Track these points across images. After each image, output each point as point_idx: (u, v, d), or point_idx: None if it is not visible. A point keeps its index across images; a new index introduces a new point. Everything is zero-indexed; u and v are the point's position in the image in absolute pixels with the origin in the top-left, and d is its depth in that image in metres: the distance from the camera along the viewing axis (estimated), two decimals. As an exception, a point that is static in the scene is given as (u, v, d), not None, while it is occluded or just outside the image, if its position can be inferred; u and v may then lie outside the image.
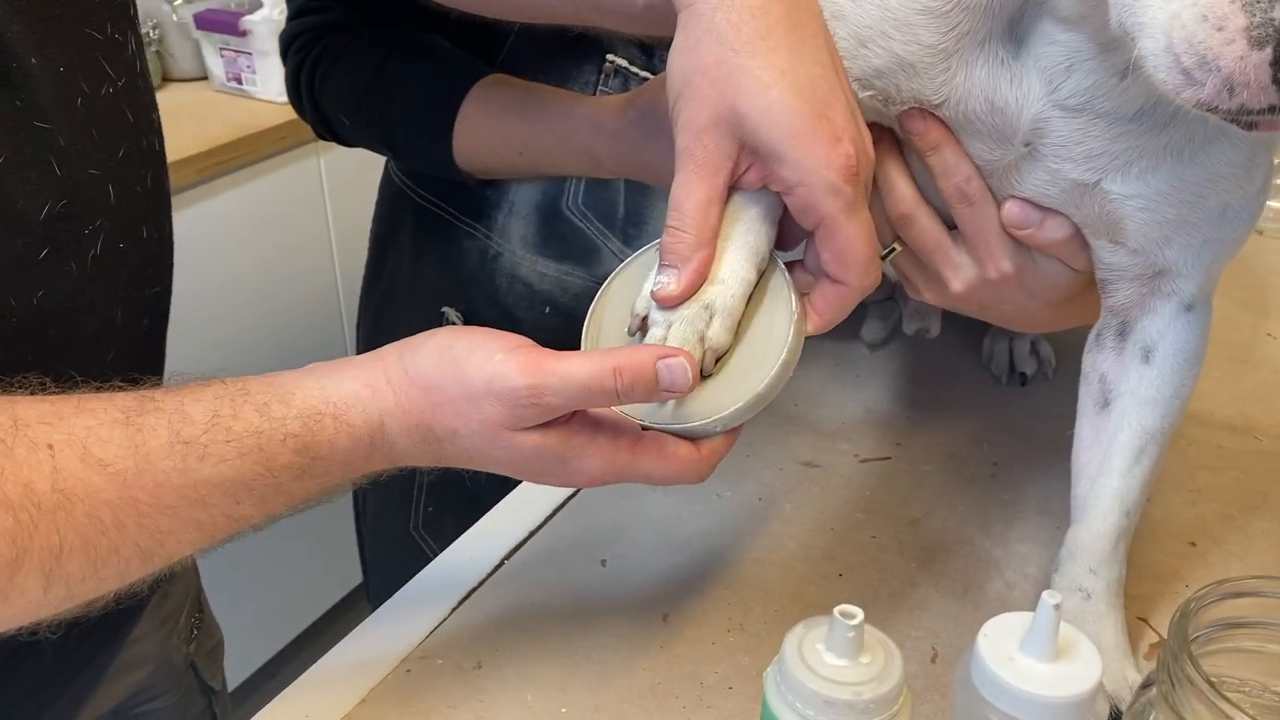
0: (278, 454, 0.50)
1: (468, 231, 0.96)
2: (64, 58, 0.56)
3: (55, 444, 0.45)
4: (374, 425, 0.53)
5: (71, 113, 0.56)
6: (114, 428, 0.47)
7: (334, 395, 0.52)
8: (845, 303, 0.57)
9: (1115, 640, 0.65)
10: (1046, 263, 0.66)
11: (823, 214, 0.53)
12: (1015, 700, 0.45)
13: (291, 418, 0.51)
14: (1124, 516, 0.66)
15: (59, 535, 0.44)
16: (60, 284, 0.57)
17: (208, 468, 0.48)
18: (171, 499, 0.48)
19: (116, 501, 0.46)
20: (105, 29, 0.59)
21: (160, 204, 0.66)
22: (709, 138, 0.53)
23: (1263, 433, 0.89)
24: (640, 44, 0.87)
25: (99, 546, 0.46)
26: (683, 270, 0.55)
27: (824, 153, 0.51)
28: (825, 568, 0.75)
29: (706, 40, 0.51)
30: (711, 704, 0.64)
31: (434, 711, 0.63)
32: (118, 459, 0.46)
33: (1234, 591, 0.48)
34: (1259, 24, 0.43)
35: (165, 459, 0.47)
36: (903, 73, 0.60)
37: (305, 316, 1.92)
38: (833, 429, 0.90)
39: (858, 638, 0.46)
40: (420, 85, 0.86)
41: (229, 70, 1.86)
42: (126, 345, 0.64)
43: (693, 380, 0.54)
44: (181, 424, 0.48)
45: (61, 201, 0.56)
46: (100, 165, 0.59)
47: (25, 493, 0.44)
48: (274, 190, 1.80)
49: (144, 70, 0.64)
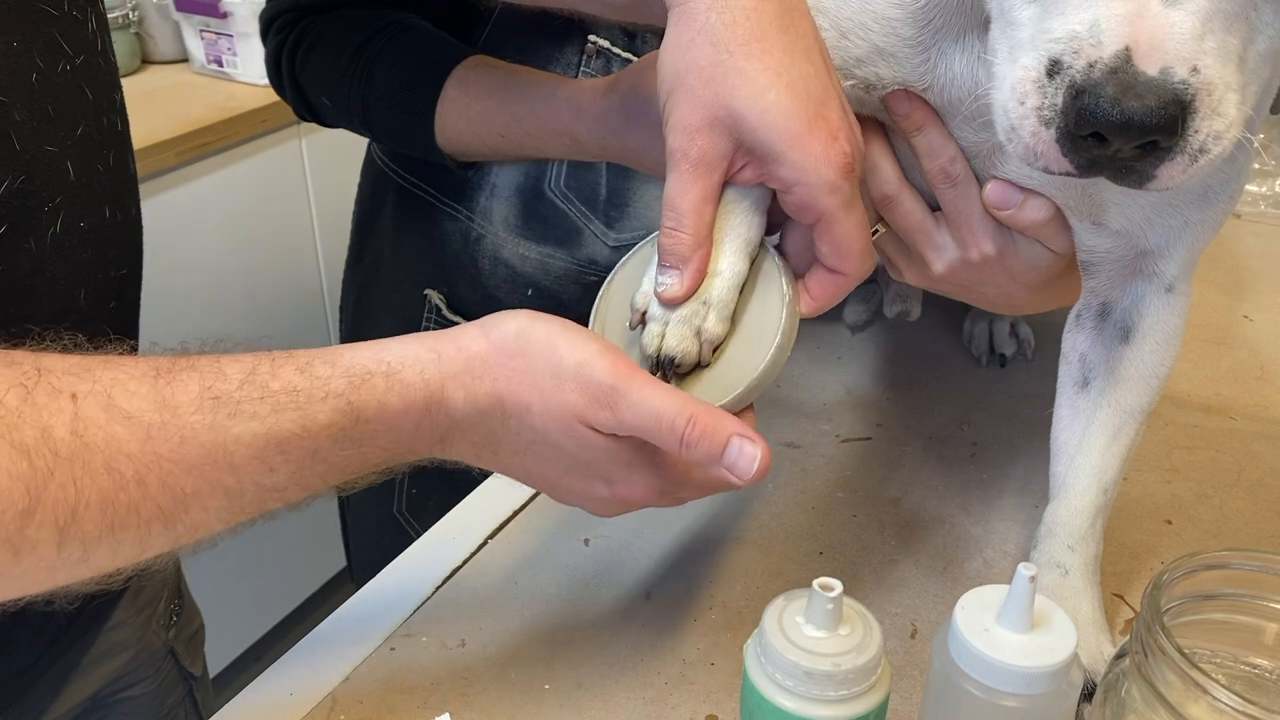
0: (317, 413, 0.47)
1: (450, 213, 0.96)
2: (15, 32, 0.55)
3: (79, 393, 0.43)
4: (433, 388, 0.50)
5: (26, 87, 0.55)
6: (143, 381, 0.45)
7: (389, 355, 0.50)
8: (841, 290, 0.58)
9: (1092, 615, 0.66)
10: (1027, 245, 0.66)
11: (821, 211, 0.54)
12: (991, 670, 0.46)
13: (336, 376, 0.48)
14: (1102, 493, 0.67)
15: (75, 486, 0.42)
16: (18, 260, 0.56)
17: (239, 425, 0.46)
18: (197, 456, 0.45)
19: (138, 454, 0.44)
20: (62, 5, 0.57)
21: (124, 185, 0.65)
22: (703, 138, 0.53)
23: (1238, 413, 0.90)
24: (622, 25, 0.87)
25: (117, 503, 0.43)
26: (684, 270, 0.56)
27: (821, 152, 0.52)
28: (806, 546, 0.75)
29: (700, 40, 0.52)
30: (694, 679, 0.64)
31: (418, 689, 0.63)
32: (143, 411, 0.44)
33: (1205, 564, 0.49)
34: (1048, 105, 0.47)
35: (194, 414, 0.45)
36: (883, 61, 0.61)
37: (287, 299, 1.92)
38: (814, 410, 0.90)
39: (836, 610, 0.47)
40: (401, 67, 0.86)
41: (209, 52, 1.85)
42: (92, 327, 0.63)
43: (757, 474, 0.53)
44: (215, 379, 0.46)
45: (20, 178, 0.55)
46: (57, 142, 0.58)
47: (42, 437, 0.42)
48: (255, 173, 1.79)
49: (105, 50, 0.63)
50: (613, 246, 0.92)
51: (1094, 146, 0.47)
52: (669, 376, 0.58)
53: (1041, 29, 0.48)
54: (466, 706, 0.62)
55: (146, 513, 0.44)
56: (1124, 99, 0.44)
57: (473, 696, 0.63)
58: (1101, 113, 0.45)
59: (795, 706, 0.47)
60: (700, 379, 0.58)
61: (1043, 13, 0.49)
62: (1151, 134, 0.45)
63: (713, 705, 0.63)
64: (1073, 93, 0.46)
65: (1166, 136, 0.46)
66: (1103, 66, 0.45)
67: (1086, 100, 0.45)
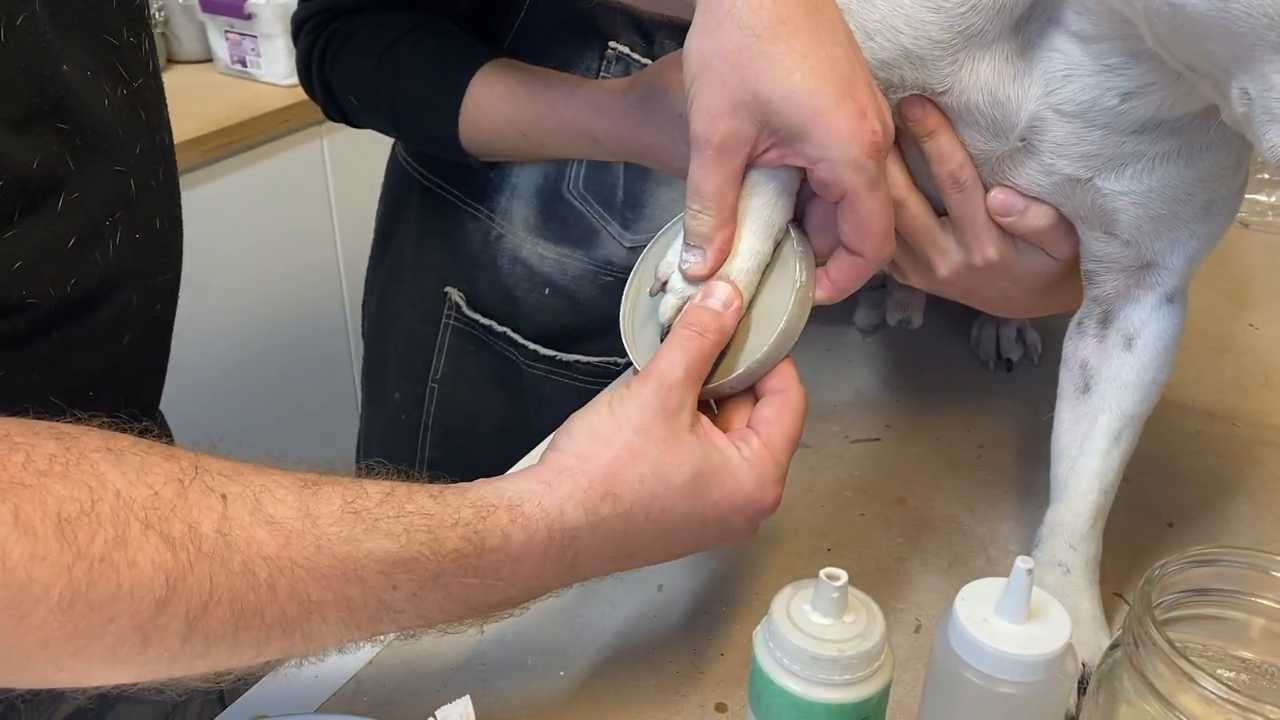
0: (446, 538, 0.48)
1: (471, 213, 0.98)
2: (89, 62, 0.58)
3: (229, 495, 0.45)
4: (552, 516, 0.51)
5: (95, 113, 0.58)
6: (290, 490, 0.47)
7: (507, 490, 0.52)
8: (860, 273, 0.59)
9: (1092, 613, 0.68)
10: (1030, 251, 0.68)
11: (845, 188, 0.54)
12: (989, 659, 0.48)
13: (465, 505, 0.50)
14: (1102, 495, 0.69)
15: (211, 582, 0.43)
16: (89, 273, 0.59)
17: (373, 541, 0.47)
18: (329, 567, 0.46)
19: (275, 558, 0.45)
20: (121, 33, 0.60)
21: (171, 196, 0.68)
22: (725, 122, 0.54)
23: (1241, 419, 0.92)
24: (641, 31, 0.89)
25: (246, 603, 0.44)
26: (708, 250, 0.58)
27: (848, 128, 0.52)
28: (815, 543, 0.77)
29: (728, 24, 0.52)
30: (704, 669, 0.66)
31: (438, 674, 0.66)
32: (287, 518, 0.46)
33: (1197, 560, 0.50)
34: None
35: (333, 525, 0.46)
36: (909, 64, 0.62)
37: (308, 298, 1.94)
38: (824, 411, 0.92)
39: (842, 598, 0.49)
40: (427, 67, 0.88)
41: (234, 53, 1.87)
42: (140, 329, 0.66)
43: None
44: (356, 496, 0.48)
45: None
46: (122, 163, 0.61)
47: (189, 532, 0.43)
48: (278, 173, 1.82)
49: (156, 71, 0.66)
50: (629, 247, 0.94)
51: None
52: None
53: None
54: (485, 691, 0.64)
55: (270, 616, 0.45)
56: None
57: (491, 681, 0.65)
58: None
59: (802, 690, 0.49)
60: None
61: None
62: None
63: (722, 694, 0.65)
64: None
65: None
66: None
67: None
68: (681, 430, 0.54)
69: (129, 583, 0.41)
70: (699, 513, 0.55)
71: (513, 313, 0.99)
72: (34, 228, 0.55)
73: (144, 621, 0.42)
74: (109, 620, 0.41)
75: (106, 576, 0.41)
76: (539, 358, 0.99)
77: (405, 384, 1.08)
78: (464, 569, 0.49)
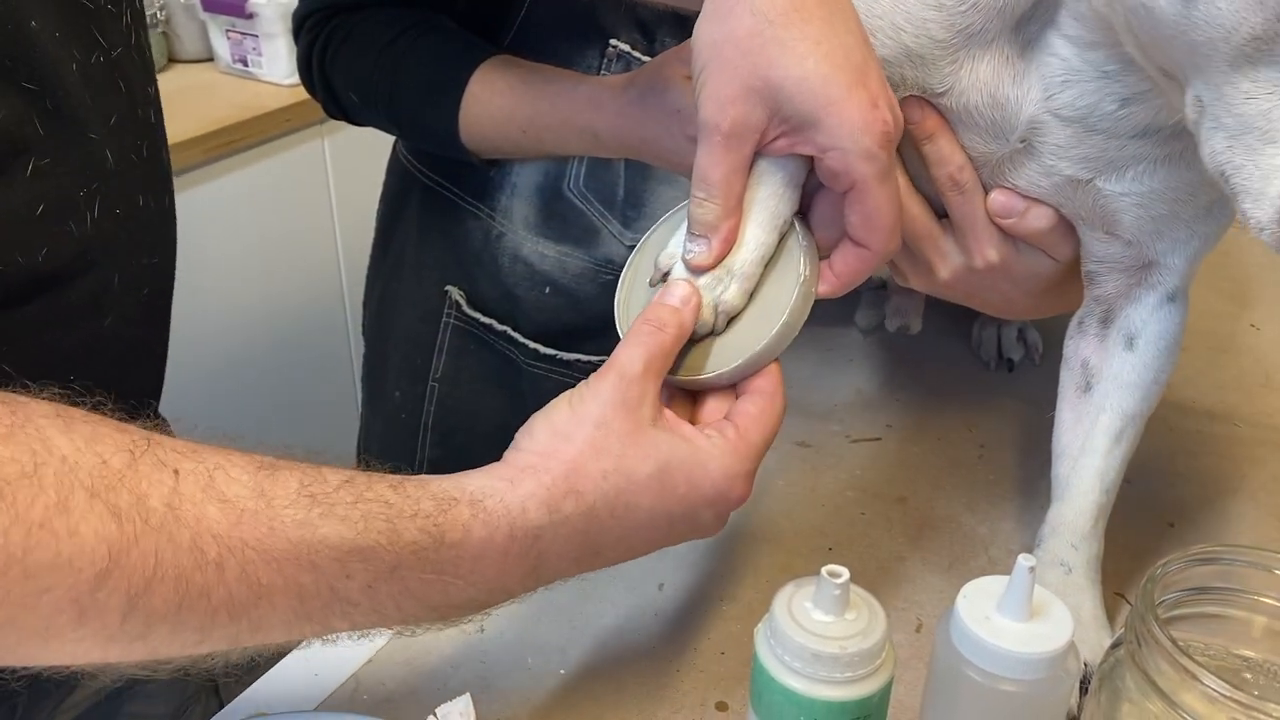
0: (405, 529, 0.47)
1: (472, 211, 0.98)
2: (56, 24, 0.56)
3: (182, 470, 0.43)
4: (514, 513, 0.50)
5: (67, 77, 0.57)
6: (245, 469, 0.45)
7: (469, 485, 0.50)
8: (865, 266, 0.58)
9: (1094, 612, 0.68)
10: (1030, 253, 0.68)
11: (855, 178, 0.53)
12: (991, 657, 0.48)
13: (426, 497, 0.48)
14: (1104, 495, 0.69)
15: (156, 558, 0.41)
16: (62, 244, 0.58)
17: (328, 526, 0.45)
18: (281, 550, 0.44)
19: (225, 537, 0.43)
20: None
21: (158, 175, 0.67)
22: (735, 108, 0.53)
23: (1241, 419, 0.92)
24: (642, 28, 0.89)
25: (192, 582, 0.42)
26: (713, 239, 0.57)
27: (860, 118, 0.52)
28: (816, 542, 0.77)
29: (740, 10, 0.52)
30: (704, 668, 0.66)
31: (438, 672, 0.66)
32: (240, 497, 0.44)
33: (1199, 559, 0.50)
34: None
35: (287, 508, 0.45)
36: (909, 63, 0.62)
37: (308, 297, 1.94)
38: (825, 410, 0.92)
39: (843, 595, 0.49)
40: (427, 63, 0.88)
41: (235, 52, 1.88)
42: (124, 311, 0.64)
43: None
44: (314, 480, 0.46)
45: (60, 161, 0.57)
46: (95, 130, 0.59)
47: (136, 503, 0.41)
48: (279, 172, 1.82)
49: (140, 44, 0.64)
50: (629, 246, 0.94)
51: None
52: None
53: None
54: (484, 689, 0.64)
55: (217, 598, 0.43)
56: None
57: (491, 679, 0.65)
58: None
59: (803, 687, 0.49)
60: (708, 346, 0.59)
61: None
62: None
63: (722, 693, 0.65)
64: None
65: None
66: None
67: None
68: (644, 423, 0.53)
69: (68, 552, 0.39)
70: (665, 508, 0.53)
71: (513, 311, 0.99)
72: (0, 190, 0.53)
73: (82, 594, 0.40)
74: (44, 590, 0.39)
75: (45, 543, 0.39)
76: (539, 356, 0.99)
77: (405, 383, 1.08)
78: (423, 563, 0.47)
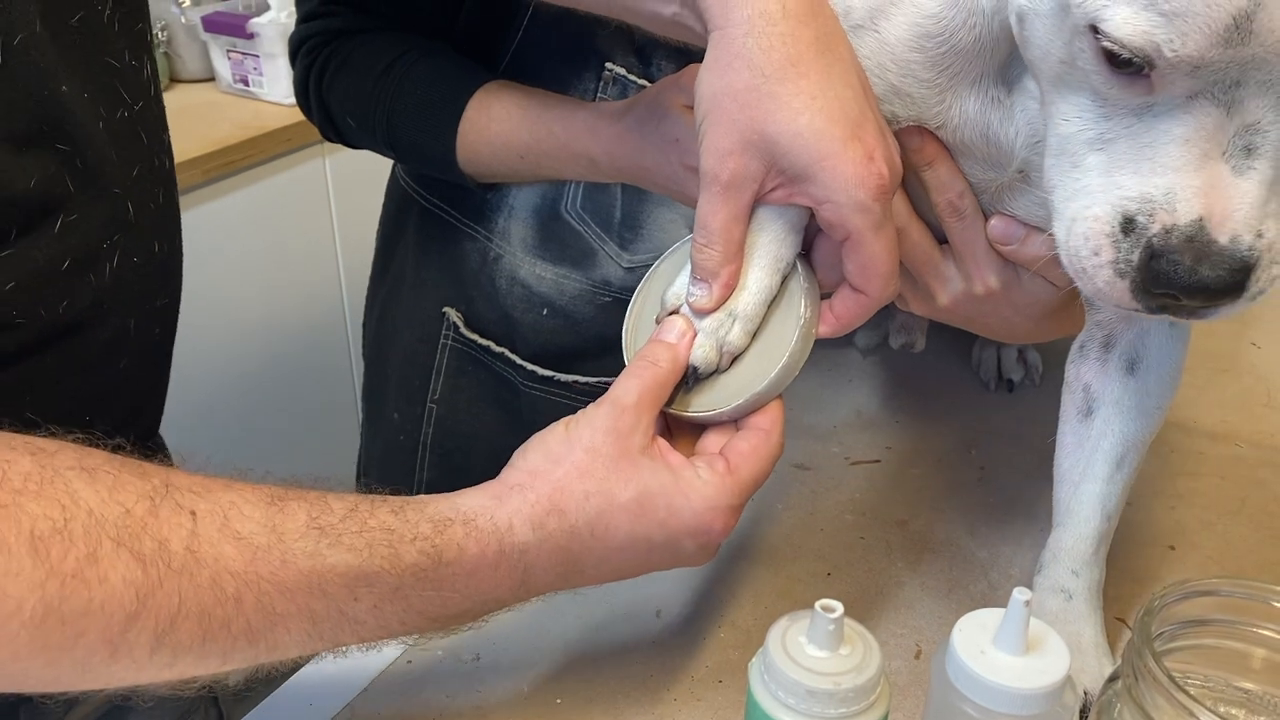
0: (406, 552, 0.51)
1: (469, 233, 0.98)
2: (89, 84, 0.58)
3: (199, 511, 0.47)
4: (501, 530, 0.53)
5: (95, 135, 0.59)
6: (257, 506, 0.48)
7: (462, 505, 0.54)
8: (864, 311, 0.60)
9: (1095, 639, 0.67)
10: (1031, 279, 0.68)
11: (850, 229, 0.55)
12: (987, 692, 0.47)
13: (424, 520, 0.52)
14: (1105, 521, 0.68)
15: (179, 597, 0.45)
16: (81, 295, 0.59)
17: (336, 555, 0.49)
18: (294, 581, 0.48)
19: (242, 573, 0.46)
20: (123, 56, 0.61)
21: (170, 219, 0.69)
22: (734, 160, 0.55)
23: (1243, 440, 0.91)
24: (638, 53, 0.89)
25: (214, 617, 0.46)
26: (714, 284, 0.59)
27: (854, 172, 0.53)
28: (814, 567, 0.77)
29: (737, 65, 0.53)
30: (701, 696, 0.66)
31: (434, 701, 0.65)
32: (254, 534, 0.47)
33: (1195, 591, 0.50)
34: (1122, 260, 0.50)
35: (298, 541, 0.48)
36: (899, 100, 0.63)
37: (309, 316, 1.94)
38: (824, 432, 0.92)
39: (838, 630, 0.49)
40: (424, 88, 0.88)
41: (236, 72, 1.88)
42: (137, 352, 0.66)
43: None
44: (321, 511, 0.50)
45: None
46: (119, 184, 0.61)
47: (159, 549, 0.45)
48: (280, 192, 1.82)
49: (157, 95, 0.67)
50: (626, 268, 0.94)
51: (1164, 297, 0.50)
52: (688, 381, 0.61)
53: (1111, 181, 0.51)
54: (480, 719, 0.64)
55: (237, 628, 0.47)
56: (1199, 267, 0.48)
57: (487, 710, 0.65)
58: (1179, 279, 0.49)
59: (797, 723, 0.48)
60: (713, 384, 0.61)
61: (1110, 163, 0.51)
62: (1222, 298, 0.49)
63: (719, 721, 0.64)
64: (1148, 253, 0.49)
65: (1234, 296, 0.49)
66: (1179, 234, 0.49)
67: (1164, 265, 0.49)
68: (632, 451, 0.56)
69: (100, 598, 0.43)
70: (645, 532, 0.56)
71: (511, 333, 0.99)
72: (30, 249, 0.56)
73: (114, 635, 0.44)
74: (79, 635, 0.43)
75: (78, 592, 0.43)
76: (537, 378, 0.99)
77: (404, 404, 1.08)
78: (422, 582, 0.51)
